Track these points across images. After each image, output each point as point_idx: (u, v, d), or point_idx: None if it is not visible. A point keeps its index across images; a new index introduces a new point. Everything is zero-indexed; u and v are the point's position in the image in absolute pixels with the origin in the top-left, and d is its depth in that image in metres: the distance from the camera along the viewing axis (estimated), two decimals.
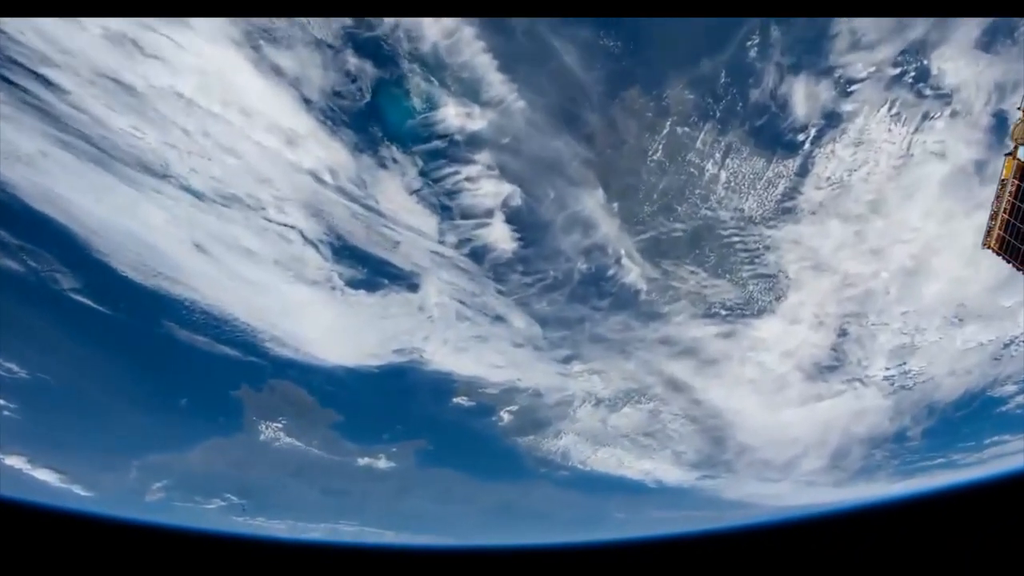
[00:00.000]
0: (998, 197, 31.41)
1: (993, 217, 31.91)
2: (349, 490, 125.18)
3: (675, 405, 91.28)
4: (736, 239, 58.92)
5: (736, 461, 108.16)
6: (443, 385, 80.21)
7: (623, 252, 58.68)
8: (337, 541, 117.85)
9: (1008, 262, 32.20)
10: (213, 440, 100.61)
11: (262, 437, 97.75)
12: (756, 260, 61.98)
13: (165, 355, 76.59)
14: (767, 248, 60.32)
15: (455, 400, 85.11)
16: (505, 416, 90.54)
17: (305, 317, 67.37)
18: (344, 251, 58.52)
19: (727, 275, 63.61)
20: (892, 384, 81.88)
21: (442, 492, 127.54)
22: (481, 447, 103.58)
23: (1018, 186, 30.24)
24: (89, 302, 67.02)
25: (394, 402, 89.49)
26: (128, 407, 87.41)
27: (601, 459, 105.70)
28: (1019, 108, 30.57)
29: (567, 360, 76.32)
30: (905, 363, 78.12)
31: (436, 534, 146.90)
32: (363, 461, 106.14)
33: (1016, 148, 30.05)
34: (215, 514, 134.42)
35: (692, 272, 62.61)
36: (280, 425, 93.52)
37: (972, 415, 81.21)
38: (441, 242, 57.30)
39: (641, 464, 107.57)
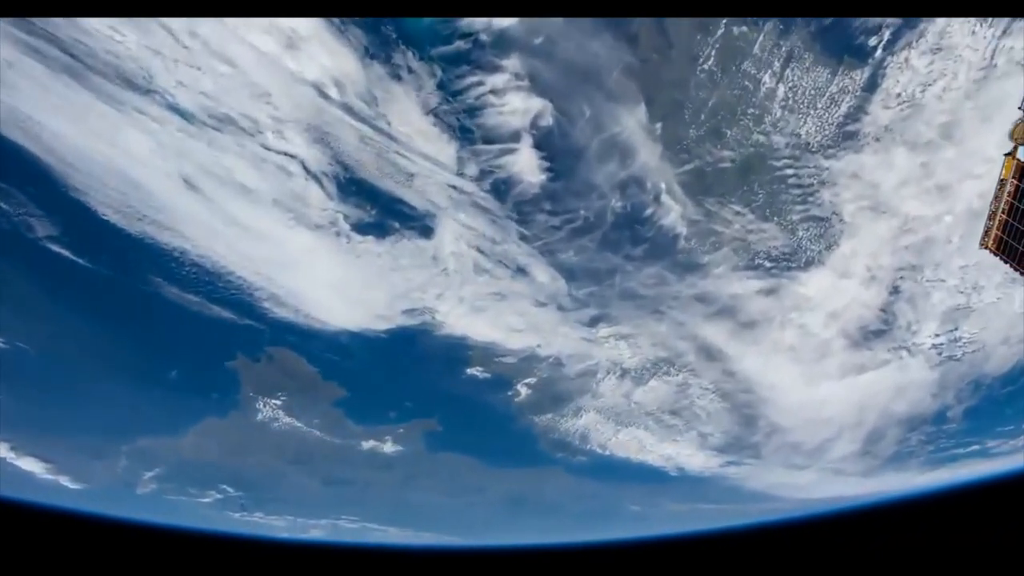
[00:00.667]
0: (996, 197, 31.19)
1: (991, 217, 31.65)
2: (352, 479, 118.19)
3: (706, 377, 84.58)
4: (790, 171, 52.62)
5: (764, 444, 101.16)
6: (456, 352, 73.67)
7: (663, 187, 52.50)
8: (337, 541, 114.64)
9: (1006, 262, 31.80)
10: (207, 421, 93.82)
11: (260, 416, 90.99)
12: (809, 199, 55.62)
13: (154, 318, 70.04)
14: (823, 183, 54.00)
15: (469, 371, 78.47)
16: (522, 390, 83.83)
17: (306, 270, 60.98)
18: (351, 187, 52.28)
19: (775, 217, 57.24)
20: (940, 354, 75.35)
21: (450, 481, 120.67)
22: (495, 428, 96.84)
23: (1017, 186, 30.06)
24: (68, 253, 60.49)
25: (402, 374, 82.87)
26: (115, 380, 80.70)
27: (622, 442, 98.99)
28: (1020, 108, 30.55)
29: (593, 322, 69.89)
30: (957, 328, 71.56)
31: (440, 532, 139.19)
32: (368, 445, 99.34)
33: (1016, 148, 29.91)
34: (211, 509, 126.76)
35: (737, 213, 56.27)
36: (279, 402, 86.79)
37: (1018, 392, 75.23)
38: (460, 174, 50.98)
39: (663, 448, 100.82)
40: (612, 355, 76.84)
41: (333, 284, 61.96)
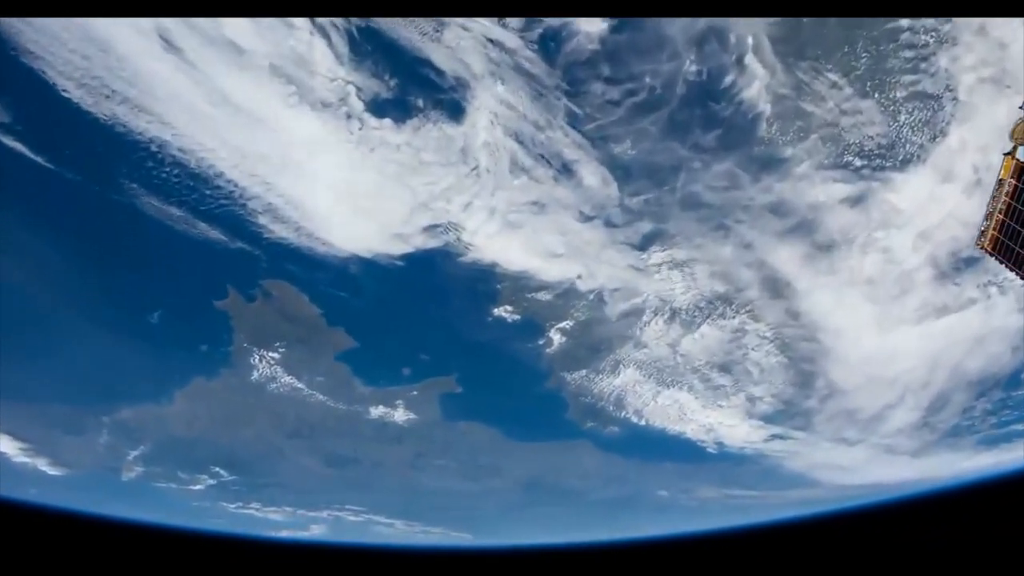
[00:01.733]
0: (994, 197, 31.08)
1: (988, 216, 31.52)
2: (358, 458, 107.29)
3: (766, 321, 74.13)
4: (903, 25, 42.89)
5: (817, 412, 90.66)
6: (483, 284, 63.25)
7: (750, 43, 42.69)
8: (338, 542, 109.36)
9: (1001, 263, 31.69)
10: (196, 383, 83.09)
11: (255, 375, 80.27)
12: (921, 66, 45.75)
13: (129, 241, 59.50)
14: (940, 43, 44.17)
15: (496, 311, 67.90)
16: (556, 338, 73.27)
17: (310, 172, 50.87)
18: (366, 43, 42.21)
19: (876, 93, 47.33)
20: None
21: (467, 459, 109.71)
22: (520, 390, 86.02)
23: (1015, 186, 29.71)
24: (22, 148, 50.13)
25: (419, 317, 72.29)
26: (87, 327, 69.88)
27: (661, 408, 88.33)
28: (1021, 108, 30.54)
29: (645, 243, 59.74)
30: None
31: (448, 526, 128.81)
32: (377, 412, 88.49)
33: (1015, 148, 29.53)
34: (204, 498, 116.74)
35: (833, 86, 46.45)
36: (277, 356, 76.00)
37: None
38: (503, 24, 40.97)
39: (706, 415, 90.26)
40: (662, 290, 66.45)
41: (341, 190, 51.90)
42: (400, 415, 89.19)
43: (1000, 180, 31.03)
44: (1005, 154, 30.48)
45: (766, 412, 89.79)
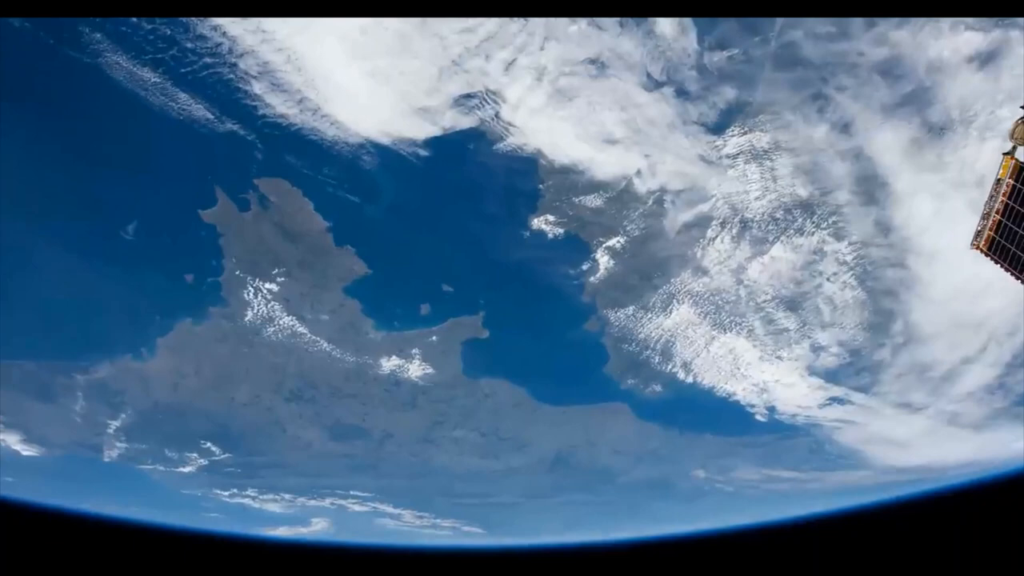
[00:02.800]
0: (991, 197, 30.98)
1: (985, 216, 31.26)
2: (367, 431, 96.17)
3: (848, 240, 63.60)
4: None
5: (887, 366, 79.90)
6: (523, 183, 52.52)
7: None
8: (338, 542, 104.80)
9: (996, 263, 31.51)
10: (181, 327, 72.13)
11: (249, 315, 69.19)
12: None
13: (94, 122, 48.52)
14: None
15: (536, 222, 57.05)
16: (602, 261, 62.53)
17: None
18: None
19: None
20: None
21: (488, 429, 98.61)
22: (555, 335, 74.77)
23: (1013, 186, 29.49)
24: None
25: (444, 232, 61.13)
26: (46, 248, 58.64)
27: (713, 360, 77.46)
28: (1022, 107, 30.31)
29: (723, 122, 49.12)
30: None
31: (460, 519, 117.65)
32: (389, 365, 77.31)
33: (1015, 148, 29.23)
34: (195, 483, 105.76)
35: None
36: (275, 287, 64.90)
37: None
38: None
39: (762, 370, 79.46)
40: (734, 193, 55.79)
41: (355, 40, 41.31)
42: (415, 369, 78.01)
43: (998, 180, 30.46)
44: (1004, 154, 29.82)
45: (829, 367, 78.82)
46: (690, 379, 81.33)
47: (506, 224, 55.66)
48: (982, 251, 32.58)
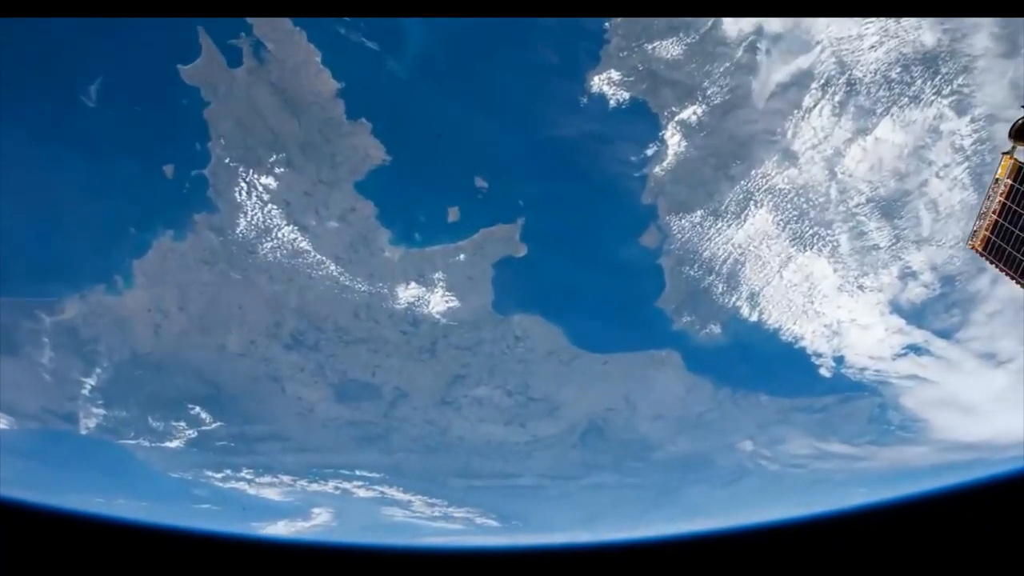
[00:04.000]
0: (988, 196, 31.08)
1: (982, 216, 31.32)
2: (377, 389, 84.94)
3: (970, 116, 53.10)
4: None
5: (983, 299, 69.91)
6: (584, 19, 41.19)
7: None
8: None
9: (992, 263, 31.66)
10: (160, 245, 60.78)
11: (242, 224, 57.98)
12: None
13: None
14: None
15: (596, 80, 45.82)
16: (672, 142, 51.58)
17: None
18: None
19: None
20: None
21: (515, 387, 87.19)
22: (605, 252, 63.23)
23: (1012, 186, 29.51)
24: None
25: (478, 99, 49.51)
26: None
27: (784, 289, 66.86)
28: (1023, 107, 30.71)
29: None
30: None
31: (476, 507, 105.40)
32: (407, 296, 66.08)
33: (1014, 147, 29.28)
34: (183, 462, 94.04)
35: None
36: (272, 181, 53.41)
37: None
38: None
39: (838, 305, 69.16)
40: (845, 39, 44.87)
41: None
42: (437, 302, 66.44)
43: (996, 179, 30.45)
44: (1004, 153, 29.87)
45: (914, 302, 67.83)
46: (754, 317, 70.06)
47: (559, 83, 44.58)
48: (977, 251, 32.29)
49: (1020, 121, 29.00)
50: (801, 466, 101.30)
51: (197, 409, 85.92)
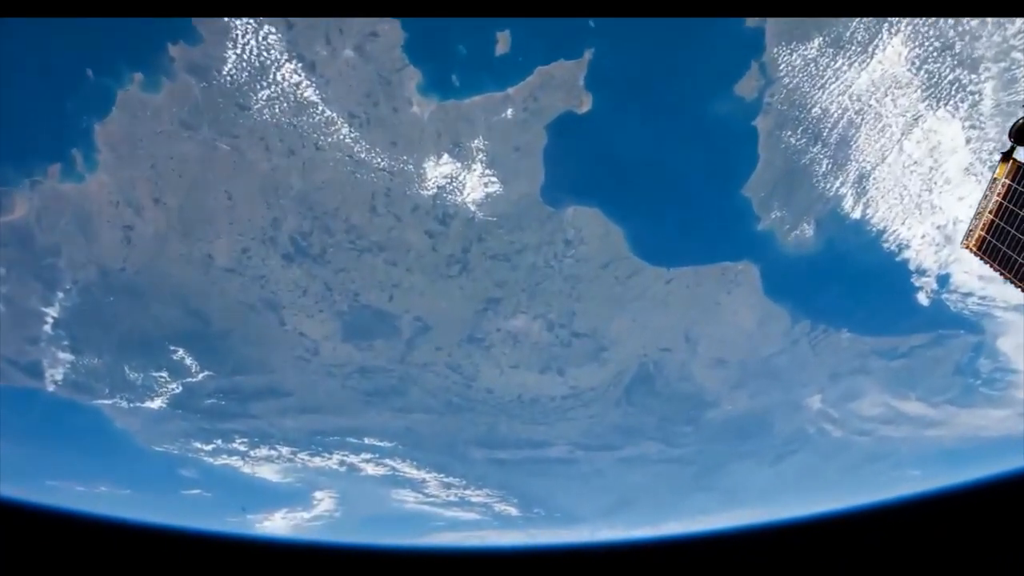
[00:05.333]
0: (985, 196, 31.10)
1: (978, 215, 31.29)
2: (394, 321, 73.69)
3: None
4: None
5: None
6: None
7: None
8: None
9: (986, 263, 31.34)
10: (127, 97, 47.90)
11: (231, 61, 44.96)
12: None
13: None
14: None
15: None
16: None
17: None
18: None
19: None
20: None
21: (560, 317, 75.89)
22: (689, 112, 50.09)
23: (1010, 186, 29.71)
24: None
25: None
26: None
27: (902, 169, 55.90)
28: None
29: None
30: None
31: (494, 489, 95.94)
32: (438, 174, 53.62)
33: (1013, 147, 29.60)
34: (165, 427, 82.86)
35: None
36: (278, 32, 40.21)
37: None
38: None
39: (959, 197, 58.45)
40: None
41: None
42: (474, 184, 53.76)
43: (994, 179, 30.34)
44: (1002, 153, 29.75)
45: None
46: (857, 212, 57.74)
47: None
48: (971, 250, 31.96)
49: (1020, 121, 28.88)
50: (867, 433, 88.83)
51: (180, 352, 72.80)
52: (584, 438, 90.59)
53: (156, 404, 79.36)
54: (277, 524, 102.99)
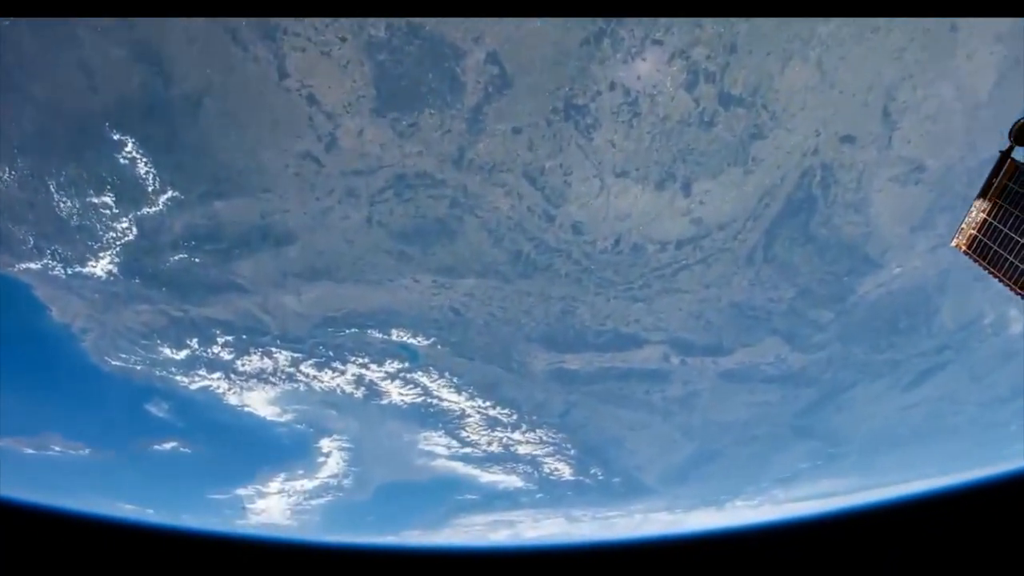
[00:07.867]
0: (981, 196, 30.68)
1: (970, 215, 30.95)
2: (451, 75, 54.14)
3: None
4: None
5: None
6: None
7: None
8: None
9: (976, 262, 31.06)
10: None
11: None
12: None
13: None
14: None
15: None
16: None
17: None
18: None
19: None
20: None
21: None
22: None
23: (1007, 186, 28.99)
24: None
25: None
26: None
27: None
28: None
29: None
30: None
31: (552, 430, 79.23)
32: None
33: (1011, 147, 28.83)
34: (116, 313, 65.90)
35: None
36: None
37: None
38: None
39: None
40: None
41: None
42: None
43: (992, 178, 29.89)
44: (1001, 152, 29.39)
45: None
46: None
47: None
48: (962, 249, 31.72)
49: (1021, 121, 27.97)
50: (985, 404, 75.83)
51: (128, 144, 51.69)
52: (686, 332, 65.30)
53: (99, 267, 57.81)
54: (272, 505, 79.29)
